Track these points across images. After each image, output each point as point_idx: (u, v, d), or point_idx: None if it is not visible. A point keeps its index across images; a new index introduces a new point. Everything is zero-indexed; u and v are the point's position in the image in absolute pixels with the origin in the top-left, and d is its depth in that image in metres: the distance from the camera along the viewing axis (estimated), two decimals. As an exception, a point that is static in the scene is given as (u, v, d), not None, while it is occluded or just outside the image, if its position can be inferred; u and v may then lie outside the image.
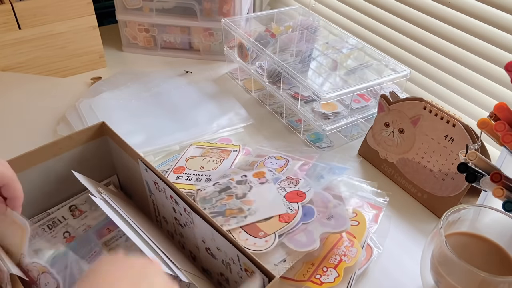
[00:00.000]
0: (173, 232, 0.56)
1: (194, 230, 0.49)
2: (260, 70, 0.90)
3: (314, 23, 0.96)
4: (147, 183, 0.54)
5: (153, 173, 0.51)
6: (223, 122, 0.84)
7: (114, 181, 0.63)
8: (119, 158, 0.59)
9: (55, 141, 0.54)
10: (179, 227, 0.53)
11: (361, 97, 0.83)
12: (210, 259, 0.50)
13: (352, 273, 0.55)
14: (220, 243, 0.45)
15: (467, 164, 0.54)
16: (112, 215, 0.47)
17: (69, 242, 0.56)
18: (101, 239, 0.56)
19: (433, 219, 0.67)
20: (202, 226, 0.46)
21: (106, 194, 0.52)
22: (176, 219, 0.52)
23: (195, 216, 0.47)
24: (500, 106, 0.50)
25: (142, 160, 0.52)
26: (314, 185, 0.62)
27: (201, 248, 0.50)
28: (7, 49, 0.89)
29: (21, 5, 0.86)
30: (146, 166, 0.52)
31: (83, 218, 0.58)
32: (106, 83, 0.93)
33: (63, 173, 0.56)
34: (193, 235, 0.50)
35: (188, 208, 0.47)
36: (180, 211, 0.50)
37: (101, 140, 0.59)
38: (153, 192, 0.54)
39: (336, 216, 0.58)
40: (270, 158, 0.72)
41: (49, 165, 0.55)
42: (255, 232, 0.55)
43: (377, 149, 0.75)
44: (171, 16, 1.03)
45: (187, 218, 0.49)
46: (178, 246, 0.56)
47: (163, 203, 0.53)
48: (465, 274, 0.45)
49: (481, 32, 0.75)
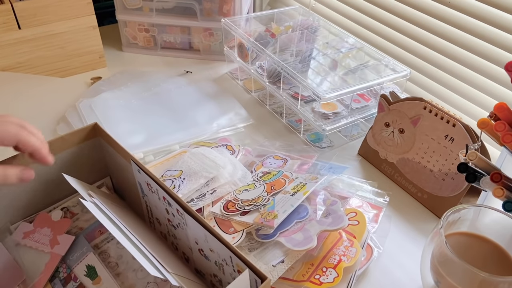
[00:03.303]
0: (166, 233, 0.56)
1: (187, 231, 0.49)
2: (260, 70, 0.90)
3: (314, 23, 0.96)
4: (139, 184, 0.54)
5: (146, 174, 0.50)
6: (223, 122, 0.84)
7: (107, 183, 0.63)
8: (112, 160, 0.59)
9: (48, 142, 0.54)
10: (172, 228, 0.53)
11: (361, 97, 0.83)
12: (203, 260, 0.50)
13: (351, 273, 0.55)
14: (213, 244, 0.45)
15: (467, 164, 0.54)
16: (102, 218, 0.47)
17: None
18: (92, 242, 0.56)
19: (433, 219, 0.67)
20: (195, 227, 0.46)
21: (97, 198, 0.51)
22: (169, 221, 0.52)
23: (188, 217, 0.47)
24: (500, 106, 0.50)
25: (134, 161, 0.52)
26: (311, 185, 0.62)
27: (194, 250, 0.50)
28: (7, 49, 0.89)
29: (21, 5, 0.86)
30: (138, 167, 0.51)
31: (75, 221, 0.58)
32: (106, 83, 0.93)
33: (55, 174, 0.56)
34: (186, 236, 0.50)
35: (181, 209, 0.47)
36: (173, 212, 0.50)
37: (94, 141, 0.58)
38: (146, 194, 0.54)
39: (333, 214, 0.58)
40: (269, 158, 0.73)
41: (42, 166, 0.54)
42: (227, 228, 0.58)
43: (377, 149, 0.75)
44: (171, 16, 1.03)
45: (180, 219, 0.49)
46: (171, 248, 0.56)
47: (156, 205, 0.53)
48: (465, 274, 0.45)
49: (481, 32, 0.75)
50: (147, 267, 0.42)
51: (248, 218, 0.58)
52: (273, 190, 0.62)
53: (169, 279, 0.43)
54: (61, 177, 0.53)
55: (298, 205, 0.58)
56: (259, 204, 0.60)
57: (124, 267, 0.54)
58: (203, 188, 0.64)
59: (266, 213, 0.58)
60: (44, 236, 0.55)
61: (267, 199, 0.61)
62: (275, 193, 0.62)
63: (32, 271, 0.53)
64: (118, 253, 0.55)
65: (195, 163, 0.67)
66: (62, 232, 0.56)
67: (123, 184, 0.60)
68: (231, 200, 0.62)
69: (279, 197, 0.61)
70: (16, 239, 0.55)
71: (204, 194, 0.63)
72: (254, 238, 0.57)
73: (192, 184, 0.63)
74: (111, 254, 0.55)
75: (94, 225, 0.58)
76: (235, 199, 0.62)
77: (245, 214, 0.59)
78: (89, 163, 0.60)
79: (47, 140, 0.53)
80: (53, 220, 0.57)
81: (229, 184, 0.65)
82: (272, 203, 0.60)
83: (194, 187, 0.63)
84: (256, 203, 0.60)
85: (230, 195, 0.63)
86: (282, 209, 0.58)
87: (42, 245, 0.54)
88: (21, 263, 0.53)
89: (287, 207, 0.58)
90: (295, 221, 0.57)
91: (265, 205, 0.59)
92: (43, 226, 0.56)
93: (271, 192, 0.62)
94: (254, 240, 0.57)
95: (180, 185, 0.63)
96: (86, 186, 0.55)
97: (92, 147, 0.59)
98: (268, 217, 0.57)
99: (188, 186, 0.63)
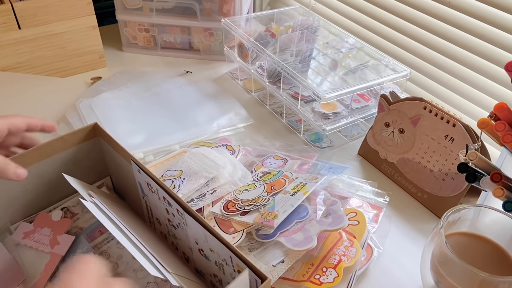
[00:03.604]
0: (166, 233, 0.56)
1: (187, 231, 0.49)
2: (260, 70, 0.90)
3: (314, 23, 0.96)
4: (140, 184, 0.54)
5: (146, 174, 0.50)
6: (223, 122, 0.84)
7: (107, 183, 0.63)
8: (112, 160, 0.59)
9: (48, 142, 0.54)
10: (172, 228, 0.53)
11: (361, 97, 0.83)
12: (203, 260, 0.50)
13: (351, 273, 0.55)
14: (213, 244, 0.45)
15: (467, 164, 0.54)
16: (102, 218, 0.47)
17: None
18: (92, 242, 0.56)
19: (433, 219, 0.67)
20: (195, 227, 0.46)
21: (97, 198, 0.51)
22: (169, 221, 0.52)
23: (188, 217, 0.46)
24: (500, 106, 0.50)
25: (134, 161, 0.52)
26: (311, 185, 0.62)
27: (194, 250, 0.50)
28: (7, 49, 0.89)
29: (21, 5, 0.86)
30: (138, 167, 0.51)
31: (75, 221, 0.58)
32: (106, 83, 0.93)
33: (55, 174, 0.56)
34: (186, 236, 0.50)
35: (181, 209, 0.47)
36: (173, 212, 0.49)
37: (94, 141, 0.58)
38: (146, 194, 0.54)
39: (333, 214, 0.58)
40: (269, 158, 0.73)
41: (42, 166, 0.54)
42: (227, 228, 0.58)
43: (377, 149, 0.75)
44: (171, 16, 1.03)
45: (180, 219, 0.49)
46: (171, 248, 0.56)
47: (156, 205, 0.53)
48: (465, 274, 0.45)
49: (481, 32, 0.75)
50: (147, 267, 0.42)
51: (248, 218, 0.58)
52: (273, 190, 0.62)
53: (169, 279, 0.43)
54: (61, 177, 0.53)
55: (298, 205, 0.58)
56: (259, 204, 0.60)
57: (124, 267, 0.54)
58: (203, 188, 0.64)
59: (266, 213, 0.58)
60: (44, 236, 0.55)
61: (267, 199, 0.61)
62: (275, 193, 0.62)
63: (32, 271, 0.52)
64: (118, 253, 0.55)
65: (195, 163, 0.67)
66: (62, 232, 0.55)
67: (123, 184, 0.60)
68: (231, 200, 0.62)
69: (279, 197, 0.61)
70: (16, 239, 0.55)
71: (204, 194, 0.63)
72: (254, 238, 0.57)
73: (192, 184, 0.63)
74: (111, 254, 0.55)
75: (94, 225, 0.58)
76: (235, 199, 0.62)
77: (245, 214, 0.59)
78: (89, 163, 0.60)
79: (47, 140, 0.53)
80: (53, 220, 0.57)
81: (229, 184, 0.65)
82: (272, 203, 0.60)
83: (194, 187, 0.63)
84: (256, 203, 0.60)
85: (230, 195, 0.63)
86: (282, 209, 0.58)
87: (42, 245, 0.54)
88: (21, 263, 0.53)
89: (287, 207, 0.58)
90: (295, 221, 0.57)
91: (265, 205, 0.59)
92: (43, 226, 0.56)
93: (271, 192, 0.62)
94: (254, 240, 0.57)
95: (180, 185, 0.63)
96: (86, 186, 0.55)
97: (92, 147, 0.59)
98: (268, 217, 0.57)
99: (188, 186, 0.63)
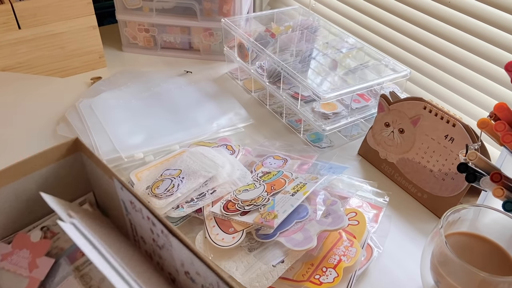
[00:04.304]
0: (152, 252, 0.53)
1: (172, 252, 0.47)
2: (260, 70, 0.90)
3: (314, 23, 0.96)
4: (123, 202, 0.52)
5: (129, 192, 0.48)
6: (223, 122, 0.84)
7: (90, 199, 0.60)
8: (94, 175, 0.56)
9: (27, 159, 0.51)
10: (157, 248, 0.50)
11: (361, 97, 0.83)
12: (190, 282, 0.47)
13: (351, 273, 0.55)
14: (199, 268, 0.42)
15: (467, 164, 0.54)
16: (81, 241, 0.44)
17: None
18: (73, 263, 0.53)
19: (433, 219, 0.67)
20: (180, 250, 0.44)
21: (77, 218, 0.48)
22: (154, 240, 0.49)
23: (173, 239, 0.44)
24: (500, 106, 0.50)
25: (117, 179, 0.49)
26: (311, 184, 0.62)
27: (180, 271, 0.48)
28: (7, 49, 0.89)
29: (21, 5, 0.86)
30: (121, 185, 0.49)
31: (56, 240, 0.55)
32: (106, 83, 0.93)
33: (34, 192, 0.53)
34: (172, 257, 0.47)
35: (166, 230, 0.45)
36: (158, 233, 0.47)
37: (75, 156, 0.56)
38: (130, 212, 0.51)
39: (333, 214, 0.58)
40: (269, 158, 0.73)
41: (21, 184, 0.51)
42: (226, 228, 0.58)
43: (377, 149, 0.75)
44: (171, 16, 1.03)
45: (164, 240, 0.46)
46: (157, 268, 0.53)
47: (140, 223, 0.50)
48: (465, 274, 0.45)
49: (481, 32, 0.75)
50: None
51: (248, 218, 0.58)
52: (273, 190, 0.62)
53: None
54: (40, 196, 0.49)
55: (298, 205, 0.58)
56: (259, 204, 0.60)
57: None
58: (202, 188, 0.64)
59: (266, 213, 0.58)
60: (22, 259, 0.52)
61: (267, 199, 0.61)
62: (275, 193, 0.62)
63: (10, 295, 0.49)
64: (100, 276, 0.52)
65: (194, 162, 0.67)
66: (42, 254, 0.52)
67: (107, 200, 0.57)
68: (231, 200, 0.62)
69: (279, 197, 0.61)
70: None
71: (204, 194, 0.63)
72: (254, 238, 0.57)
73: (191, 183, 0.63)
74: (93, 277, 0.53)
75: (75, 246, 0.54)
76: (235, 199, 0.62)
77: (245, 214, 0.59)
78: (71, 179, 0.57)
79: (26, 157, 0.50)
80: (32, 241, 0.53)
81: (229, 184, 0.65)
82: (272, 203, 0.60)
83: (193, 186, 0.63)
84: (256, 203, 0.60)
85: (230, 195, 0.63)
86: (282, 209, 0.58)
87: (21, 269, 0.51)
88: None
89: (287, 207, 0.58)
90: (295, 221, 0.57)
91: (265, 205, 0.59)
92: (22, 248, 0.53)
93: (271, 192, 0.62)
94: (254, 240, 0.57)
95: (179, 184, 0.63)
96: (66, 205, 0.52)
97: (74, 163, 0.56)
98: (268, 217, 0.57)
99: (187, 185, 0.63)
